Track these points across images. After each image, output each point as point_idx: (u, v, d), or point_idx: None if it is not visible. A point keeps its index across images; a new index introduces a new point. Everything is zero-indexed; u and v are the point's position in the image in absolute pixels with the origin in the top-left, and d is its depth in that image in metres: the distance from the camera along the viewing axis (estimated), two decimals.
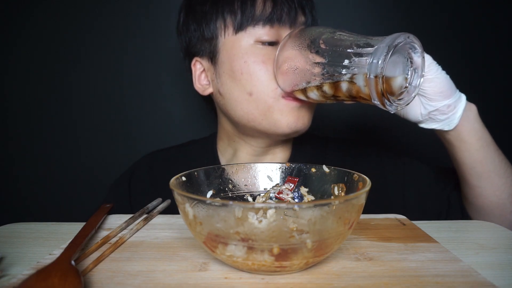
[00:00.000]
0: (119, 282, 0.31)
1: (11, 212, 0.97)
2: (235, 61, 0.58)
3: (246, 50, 0.58)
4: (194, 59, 0.64)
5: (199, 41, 0.63)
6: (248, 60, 0.58)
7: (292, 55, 0.53)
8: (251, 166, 0.46)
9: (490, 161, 0.54)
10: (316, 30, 0.52)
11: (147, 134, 0.95)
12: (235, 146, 0.68)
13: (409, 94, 0.47)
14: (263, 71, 0.57)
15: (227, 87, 0.60)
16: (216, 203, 0.30)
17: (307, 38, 0.52)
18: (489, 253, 0.38)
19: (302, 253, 0.30)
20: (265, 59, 0.58)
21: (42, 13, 0.92)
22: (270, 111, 0.58)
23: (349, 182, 0.40)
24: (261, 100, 0.58)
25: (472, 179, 0.56)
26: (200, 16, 0.62)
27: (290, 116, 0.58)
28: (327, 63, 0.48)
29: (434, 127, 0.54)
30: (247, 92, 0.58)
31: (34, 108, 0.95)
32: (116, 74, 0.94)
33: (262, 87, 0.58)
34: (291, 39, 0.54)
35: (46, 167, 0.96)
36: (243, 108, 0.60)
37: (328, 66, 0.48)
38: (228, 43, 0.60)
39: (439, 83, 0.50)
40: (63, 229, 0.46)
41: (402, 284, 0.30)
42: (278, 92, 0.57)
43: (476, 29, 0.93)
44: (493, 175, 0.54)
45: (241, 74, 0.58)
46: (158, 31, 0.92)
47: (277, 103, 0.58)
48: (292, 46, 0.53)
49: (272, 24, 0.58)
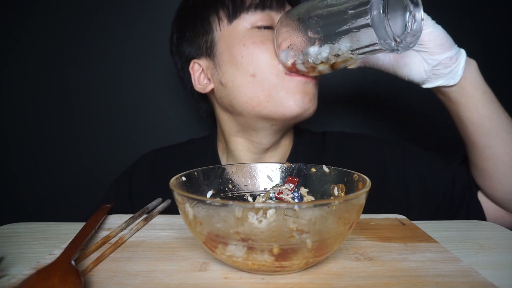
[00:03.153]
0: (119, 282, 0.31)
1: (11, 212, 0.97)
2: (234, 47, 0.60)
3: (243, 34, 0.60)
4: (192, 62, 0.65)
5: (195, 43, 0.64)
6: (246, 42, 0.59)
7: (290, 30, 0.54)
8: (251, 166, 0.47)
9: (497, 116, 0.54)
10: (309, 3, 0.53)
11: (147, 134, 0.95)
12: (232, 146, 0.67)
13: (412, 37, 0.48)
14: (263, 50, 0.58)
15: (229, 74, 0.61)
16: (216, 203, 0.30)
17: (302, 12, 0.53)
18: (489, 253, 0.38)
19: (302, 253, 0.30)
20: (264, 39, 0.59)
21: (41, 14, 0.92)
22: (276, 90, 0.58)
23: (349, 182, 0.40)
24: (265, 79, 0.58)
25: (481, 138, 0.55)
26: (193, 19, 0.64)
27: (297, 93, 0.58)
28: (324, 28, 0.50)
29: (439, 84, 0.53)
30: (250, 74, 0.59)
31: (34, 108, 0.95)
32: (115, 74, 0.94)
33: (264, 67, 0.58)
34: (286, 15, 0.56)
35: (46, 167, 0.96)
36: (248, 93, 0.59)
37: (325, 32, 0.50)
38: (224, 34, 0.61)
39: (438, 36, 0.51)
40: (63, 229, 0.46)
41: (402, 284, 0.30)
42: (281, 69, 0.58)
43: (477, 29, 0.93)
44: (502, 131, 0.54)
45: (241, 57, 0.59)
46: (157, 31, 0.92)
47: (282, 81, 0.58)
48: (288, 23, 0.55)
49: (263, 8, 0.60)
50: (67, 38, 0.92)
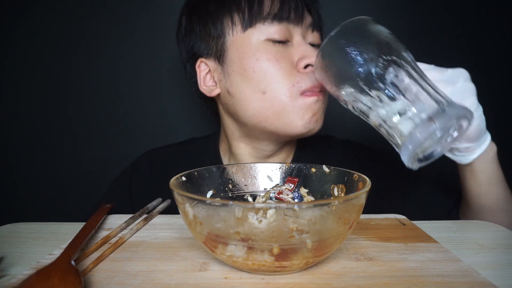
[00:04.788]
0: (119, 282, 0.31)
1: (11, 212, 0.97)
2: (246, 59, 0.57)
3: (257, 47, 0.57)
4: (199, 61, 0.63)
5: (204, 42, 0.61)
6: (260, 57, 0.56)
7: (338, 63, 0.45)
8: (251, 166, 0.47)
9: (496, 197, 0.53)
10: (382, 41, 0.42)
11: (147, 134, 0.95)
12: (235, 150, 0.67)
13: (438, 149, 0.44)
14: (276, 69, 0.56)
15: (238, 85, 0.59)
16: (216, 203, 0.30)
17: (366, 47, 0.42)
18: (489, 253, 0.38)
19: (302, 253, 0.30)
20: (278, 56, 0.56)
21: (40, 15, 0.92)
22: (286, 110, 0.57)
23: (349, 182, 0.40)
24: (276, 99, 0.56)
25: (474, 206, 0.55)
26: (205, 16, 0.61)
27: (306, 113, 0.57)
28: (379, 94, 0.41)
29: (448, 155, 0.52)
30: (260, 91, 0.57)
31: (33, 109, 0.94)
32: (115, 74, 0.94)
33: (277, 86, 0.56)
34: (343, 40, 0.44)
35: (46, 167, 0.96)
36: (255, 107, 0.58)
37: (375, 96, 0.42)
38: (237, 41, 0.58)
39: (471, 131, 0.46)
40: (63, 229, 0.46)
41: (402, 284, 0.30)
42: (295, 90, 0.56)
43: (478, 29, 0.93)
44: (495, 208, 0.53)
45: (253, 72, 0.56)
46: (158, 31, 0.92)
47: (295, 102, 0.56)
48: (341, 54, 0.43)
49: (281, 20, 0.57)
50: (66, 39, 0.92)
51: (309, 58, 0.57)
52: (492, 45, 0.93)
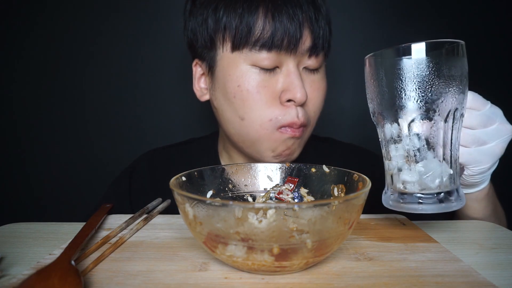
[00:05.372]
0: (119, 282, 0.31)
1: (11, 212, 0.97)
2: (229, 82, 0.55)
3: (241, 73, 0.54)
4: (195, 60, 0.62)
5: (201, 45, 0.59)
6: (242, 85, 0.53)
7: None
8: (251, 166, 0.47)
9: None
10: None
11: (147, 134, 0.95)
12: (231, 153, 0.67)
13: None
14: (257, 100, 0.53)
15: (221, 104, 0.58)
16: (216, 203, 0.30)
17: None
18: (489, 253, 0.38)
19: (302, 253, 0.30)
20: (261, 86, 0.53)
21: (48, 16, 0.92)
22: (260, 141, 0.56)
23: (349, 182, 0.40)
24: (253, 128, 0.55)
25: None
26: (202, 22, 0.58)
27: (279, 146, 0.56)
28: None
29: None
30: (238, 116, 0.55)
31: (34, 109, 0.95)
32: (115, 75, 0.94)
33: (254, 116, 0.54)
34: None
35: (46, 167, 0.96)
36: (235, 128, 0.57)
37: None
38: (224, 60, 0.56)
39: (472, 180, 0.46)
40: (63, 229, 0.46)
41: (402, 284, 0.30)
42: (272, 125, 0.54)
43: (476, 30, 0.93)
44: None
45: (234, 97, 0.54)
46: (159, 32, 0.92)
47: (270, 135, 0.55)
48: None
49: (270, 49, 0.52)
50: (70, 40, 0.93)
51: (291, 93, 0.53)
52: (493, 45, 0.93)
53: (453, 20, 0.92)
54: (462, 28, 0.91)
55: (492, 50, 0.93)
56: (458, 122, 0.38)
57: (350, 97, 0.97)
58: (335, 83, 0.92)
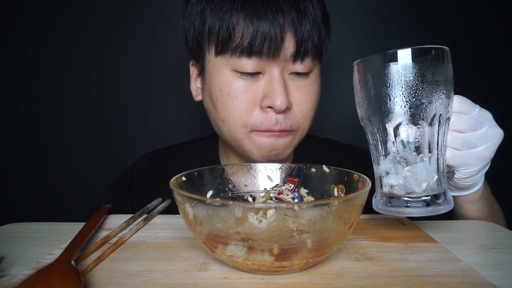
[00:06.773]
0: (119, 282, 0.31)
1: (11, 212, 0.97)
2: (213, 86, 0.56)
3: (223, 78, 0.55)
4: (191, 61, 0.63)
5: (195, 48, 0.59)
6: (223, 89, 0.55)
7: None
8: (251, 166, 0.47)
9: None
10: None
11: (147, 134, 0.95)
12: (228, 152, 0.67)
13: None
14: (236, 105, 0.54)
15: (208, 105, 0.60)
16: (216, 203, 0.30)
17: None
18: (489, 253, 0.38)
19: (302, 253, 0.30)
20: (242, 92, 0.54)
21: (41, 16, 0.92)
22: (240, 143, 0.57)
23: (349, 182, 0.40)
24: (231, 131, 0.57)
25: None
26: (197, 27, 0.57)
27: (262, 148, 0.56)
28: None
29: None
30: (220, 119, 0.57)
31: (34, 109, 0.95)
32: (115, 75, 0.94)
33: (232, 120, 0.55)
34: None
35: (46, 168, 0.96)
36: (221, 129, 0.59)
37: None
38: (210, 63, 0.57)
39: (464, 184, 0.45)
40: (63, 229, 0.46)
41: (402, 284, 0.30)
42: (246, 129, 0.55)
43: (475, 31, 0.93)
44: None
45: (216, 100, 0.56)
46: (160, 32, 0.92)
47: (248, 138, 0.56)
48: None
49: (250, 55, 0.52)
50: (68, 40, 0.93)
51: (271, 100, 0.52)
52: (492, 45, 0.93)
53: (450, 23, 0.92)
54: (457, 31, 0.91)
55: (483, 54, 0.93)
56: (444, 126, 0.39)
57: (350, 98, 0.97)
58: (335, 84, 0.92)
